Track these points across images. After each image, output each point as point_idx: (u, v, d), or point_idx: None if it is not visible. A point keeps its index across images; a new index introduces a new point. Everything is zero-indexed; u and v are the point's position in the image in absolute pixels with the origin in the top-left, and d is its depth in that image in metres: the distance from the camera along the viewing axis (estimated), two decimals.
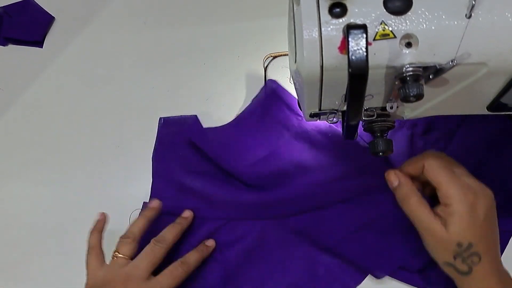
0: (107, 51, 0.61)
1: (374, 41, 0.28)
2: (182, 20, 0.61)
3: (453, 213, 0.37)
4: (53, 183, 0.55)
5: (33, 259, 0.52)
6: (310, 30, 0.28)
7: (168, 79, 0.58)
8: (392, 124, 0.37)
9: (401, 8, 0.27)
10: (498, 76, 0.29)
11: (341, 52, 0.28)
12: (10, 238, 0.53)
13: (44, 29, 0.62)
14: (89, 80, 0.59)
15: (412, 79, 0.28)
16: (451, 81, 0.30)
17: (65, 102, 0.59)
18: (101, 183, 0.54)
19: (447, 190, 0.37)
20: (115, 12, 0.63)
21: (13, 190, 0.55)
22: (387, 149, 0.37)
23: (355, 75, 0.26)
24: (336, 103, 0.34)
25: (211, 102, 0.56)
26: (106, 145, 0.56)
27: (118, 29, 0.62)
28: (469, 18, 0.27)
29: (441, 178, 0.38)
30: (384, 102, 0.34)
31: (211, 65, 0.57)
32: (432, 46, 0.28)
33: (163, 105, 0.56)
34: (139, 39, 0.60)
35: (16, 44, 0.63)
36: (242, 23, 0.59)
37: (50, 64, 0.61)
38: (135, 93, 0.58)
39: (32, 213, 0.54)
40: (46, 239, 0.53)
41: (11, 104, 0.60)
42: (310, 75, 0.30)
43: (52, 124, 0.58)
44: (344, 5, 0.28)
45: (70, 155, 0.56)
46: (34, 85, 0.60)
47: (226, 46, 0.58)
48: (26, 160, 0.57)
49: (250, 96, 0.54)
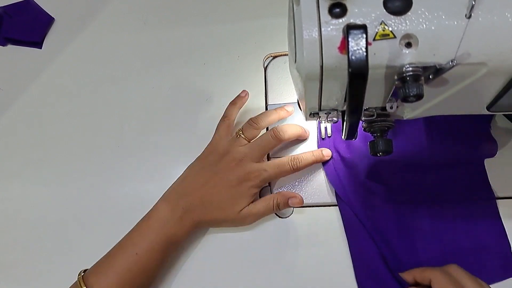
0: (107, 51, 0.61)
1: (374, 41, 0.28)
2: (182, 20, 0.61)
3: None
4: (53, 183, 0.55)
5: (33, 259, 0.52)
6: (310, 30, 0.28)
7: (168, 79, 0.58)
8: (392, 124, 0.37)
9: (401, 8, 0.27)
10: (498, 76, 0.29)
11: (341, 52, 0.28)
12: (10, 238, 0.53)
13: (43, 30, 0.62)
14: (89, 80, 0.60)
15: (412, 79, 0.28)
16: (451, 81, 0.30)
17: (65, 102, 0.59)
18: (101, 183, 0.54)
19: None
20: (115, 12, 0.63)
21: (13, 190, 0.55)
22: (387, 149, 0.37)
23: (355, 75, 0.26)
24: (336, 103, 0.34)
25: (211, 102, 0.56)
26: (106, 145, 0.56)
27: (118, 29, 0.62)
28: (469, 18, 0.27)
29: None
30: (384, 102, 0.34)
31: (211, 65, 0.58)
32: (432, 46, 0.28)
33: (163, 105, 0.56)
34: (139, 39, 0.60)
35: (15, 45, 0.63)
36: (242, 23, 0.59)
37: (50, 64, 0.61)
38: (135, 93, 0.58)
39: (32, 213, 0.54)
40: (46, 239, 0.53)
41: (11, 104, 0.60)
42: (310, 75, 0.30)
43: (52, 124, 0.58)
44: (344, 5, 0.28)
45: (70, 155, 0.56)
46: (34, 85, 0.60)
47: (226, 46, 0.58)
48: (26, 160, 0.57)
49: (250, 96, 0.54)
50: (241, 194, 0.46)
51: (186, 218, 0.45)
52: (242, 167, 0.46)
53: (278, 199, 0.47)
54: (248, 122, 0.48)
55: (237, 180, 0.45)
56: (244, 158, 0.46)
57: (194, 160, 0.49)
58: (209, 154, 0.48)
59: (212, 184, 0.46)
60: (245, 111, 0.54)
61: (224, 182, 0.45)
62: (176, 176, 0.48)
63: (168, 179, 0.48)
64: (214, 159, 0.47)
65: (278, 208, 0.47)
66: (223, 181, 0.46)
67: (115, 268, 0.43)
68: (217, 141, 0.49)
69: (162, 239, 0.44)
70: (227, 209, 0.46)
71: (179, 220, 0.45)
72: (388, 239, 0.46)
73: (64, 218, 0.53)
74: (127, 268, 0.42)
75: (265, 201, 0.47)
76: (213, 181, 0.46)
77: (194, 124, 0.55)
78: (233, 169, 0.46)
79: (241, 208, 0.46)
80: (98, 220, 0.52)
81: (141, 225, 0.45)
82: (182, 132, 0.55)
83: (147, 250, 0.43)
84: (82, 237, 0.52)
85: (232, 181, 0.45)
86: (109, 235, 0.46)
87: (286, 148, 0.51)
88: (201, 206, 0.45)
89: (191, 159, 0.49)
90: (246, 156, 0.46)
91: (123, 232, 0.45)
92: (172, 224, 0.44)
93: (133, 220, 0.46)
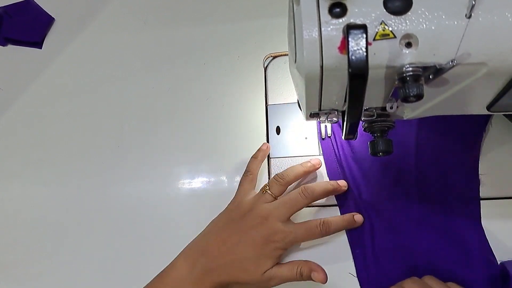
0: (107, 51, 0.61)
1: (374, 41, 0.28)
2: (182, 20, 0.61)
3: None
4: (53, 183, 0.55)
5: (33, 259, 0.52)
6: (310, 30, 0.28)
7: (168, 79, 0.58)
8: (392, 124, 0.37)
9: (401, 8, 0.27)
10: (498, 76, 0.29)
11: (341, 52, 0.28)
12: (10, 238, 0.53)
13: (44, 30, 0.62)
14: (89, 80, 0.60)
15: (412, 79, 0.28)
16: (451, 81, 0.30)
17: (65, 102, 0.59)
18: (101, 183, 0.54)
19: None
20: (115, 12, 0.63)
21: (13, 190, 0.55)
22: (387, 149, 0.37)
23: (355, 75, 0.26)
24: (336, 103, 0.34)
25: (211, 102, 0.56)
26: (106, 145, 0.56)
27: (118, 29, 0.62)
28: (469, 18, 0.27)
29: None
30: (384, 102, 0.34)
31: (211, 65, 0.58)
32: (432, 46, 0.28)
33: (163, 105, 0.56)
34: (139, 39, 0.60)
35: (15, 45, 0.63)
36: (242, 23, 0.59)
37: (50, 64, 0.61)
38: (135, 93, 0.58)
39: (32, 213, 0.54)
40: (46, 239, 0.53)
41: (11, 104, 0.60)
42: (310, 75, 0.30)
43: (52, 124, 0.58)
44: (344, 5, 0.28)
45: (70, 155, 0.56)
46: (34, 85, 0.60)
47: (226, 46, 0.58)
48: (26, 160, 0.57)
49: (250, 96, 0.54)
50: (266, 255, 0.43)
51: (206, 279, 0.42)
52: (268, 226, 0.43)
53: (302, 268, 0.43)
54: (274, 177, 0.46)
55: (262, 239, 0.43)
56: (270, 216, 0.43)
57: (217, 216, 0.47)
58: (233, 210, 0.46)
59: (235, 241, 0.43)
60: (245, 113, 0.54)
61: (249, 241, 0.43)
62: (177, 176, 0.48)
63: (168, 179, 0.48)
64: (238, 216, 0.45)
65: (301, 277, 0.43)
66: (247, 239, 0.43)
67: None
68: (241, 196, 0.47)
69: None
70: (251, 270, 0.42)
71: (198, 281, 0.42)
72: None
73: (64, 218, 0.53)
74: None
75: (289, 266, 0.43)
76: (236, 238, 0.43)
77: (194, 124, 0.55)
78: (258, 227, 0.43)
79: (265, 270, 0.42)
80: (98, 220, 0.52)
81: (155, 283, 0.43)
82: (182, 132, 0.55)
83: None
84: (82, 237, 0.52)
85: (256, 240, 0.43)
86: (109, 235, 0.46)
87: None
88: (223, 265, 0.42)
89: (191, 159, 0.49)
90: (272, 214, 0.43)
91: (123, 232, 0.45)
92: (190, 285, 0.42)
93: (133, 220, 0.46)
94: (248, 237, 0.43)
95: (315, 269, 0.42)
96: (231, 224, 0.45)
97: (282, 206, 0.44)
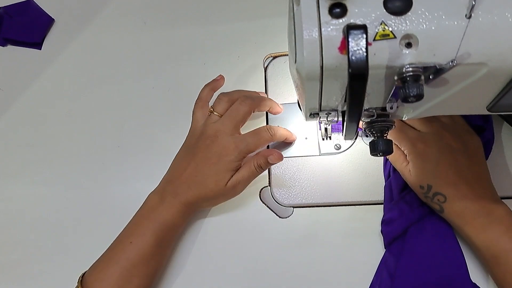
0: (107, 51, 0.61)
1: (374, 41, 0.28)
2: (182, 20, 0.61)
3: (410, 161, 0.45)
4: (53, 183, 0.55)
5: (33, 259, 0.52)
6: (310, 30, 0.28)
7: (168, 79, 0.58)
8: (392, 124, 0.37)
9: (401, 8, 0.27)
10: (498, 76, 0.29)
11: (341, 52, 0.28)
12: (10, 238, 0.53)
13: (43, 31, 0.62)
14: (89, 80, 0.60)
15: (412, 79, 0.28)
16: (451, 81, 0.30)
17: (65, 102, 0.59)
18: (101, 183, 0.54)
19: (402, 146, 0.45)
20: (115, 12, 0.63)
21: (13, 190, 0.55)
22: (387, 149, 0.37)
23: (355, 75, 0.26)
24: (336, 103, 0.34)
25: (211, 102, 0.56)
26: (106, 145, 0.56)
27: (118, 29, 0.62)
28: (469, 18, 0.27)
29: (396, 141, 0.46)
30: (384, 102, 0.34)
31: (211, 65, 0.58)
32: (432, 46, 0.28)
33: (163, 105, 0.56)
34: (139, 39, 0.60)
35: (15, 45, 0.63)
36: (242, 23, 0.59)
37: (50, 64, 0.61)
38: (135, 93, 0.58)
39: (32, 213, 0.54)
40: (46, 239, 0.53)
41: (11, 104, 0.60)
42: (310, 75, 0.30)
43: (52, 124, 0.58)
44: (344, 5, 0.28)
45: (70, 155, 0.56)
46: (34, 85, 0.60)
47: (226, 46, 0.58)
48: (26, 160, 0.57)
49: None
50: (223, 169, 0.46)
51: (174, 202, 0.46)
52: (218, 143, 0.46)
53: (258, 161, 0.46)
54: (218, 97, 0.49)
55: (216, 156, 0.46)
56: (218, 133, 0.46)
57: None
58: (189, 139, 0.50)
59: (193, 165, 0.46)
60: None
61: (204, 161, 0.46)
62: None
63: None
64: (192, 142, 0.48)
65: (261, 169, 0.47)
66: (203, 160, 0.46)
67: (114, 259, 0.44)
68: (194, 124, 0.50)
69: (154, 225, 0.45)
70: (213, 186, 0.46)
71: (168, 205, 0.46)
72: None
73: (64, 218, 0.53)
74: (125, 257, 0.43)
75: (247, 166, 0.47)
76: (194, 162, 0.46)
77: None
78: (210, 147, 0.46)
79: (225, 182, 0.46)
80: (98, 220, 0.52)
81: (134, 217, 0.47)
82: (182, 132, 0.54)
83: (141, 237, 0.44)
84: (82, 237, 0.52)
85: (211, 158, 0.46)
86: (109, 235, 0.46)
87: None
88: (187, 188, 0.46)
89: None
90: (220, 131, 0.46)
91: None
92: (161, 209, 0.45)
93: None
94: (204, 158, 0.46)
95: (269, 154, 0.46)
96: (188, 151, 0.48)
97: (227, 120, 0.47)
